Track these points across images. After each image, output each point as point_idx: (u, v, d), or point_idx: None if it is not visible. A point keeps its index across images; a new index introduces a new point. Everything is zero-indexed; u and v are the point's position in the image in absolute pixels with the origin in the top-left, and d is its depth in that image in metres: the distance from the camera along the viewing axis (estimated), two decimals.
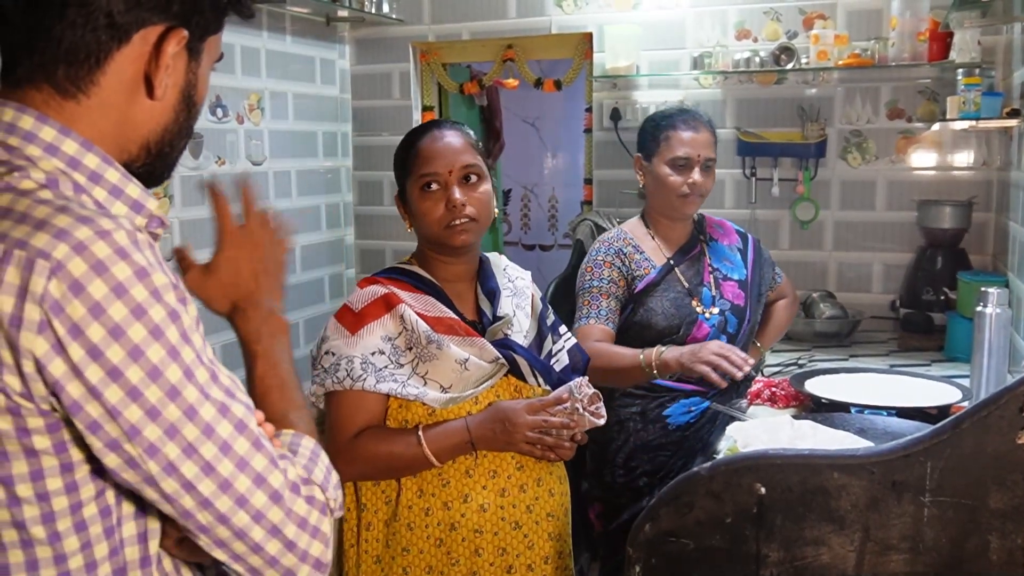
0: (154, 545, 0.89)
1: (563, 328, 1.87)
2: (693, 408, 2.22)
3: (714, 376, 1.90)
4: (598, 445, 2.30)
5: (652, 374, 2.03)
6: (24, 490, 0.79)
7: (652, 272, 2.23)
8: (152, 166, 0.92)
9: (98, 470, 0.82)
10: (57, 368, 0.75)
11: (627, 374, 2.08)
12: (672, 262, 2.27)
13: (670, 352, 2.01)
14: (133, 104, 0.88)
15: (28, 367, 0.75)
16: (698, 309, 2.22)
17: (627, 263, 2.24)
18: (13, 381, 0.75)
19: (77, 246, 0.75)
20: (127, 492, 0.85)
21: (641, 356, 2.04)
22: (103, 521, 0.84)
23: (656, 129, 2.25)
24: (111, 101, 0.86)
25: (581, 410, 1.55)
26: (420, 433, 1.53)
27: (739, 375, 1.90)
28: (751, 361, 1.95)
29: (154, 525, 0.89)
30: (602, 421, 1.58)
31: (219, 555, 0.85)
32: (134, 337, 0.76)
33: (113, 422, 0.77)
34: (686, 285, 2.25)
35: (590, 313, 2.19)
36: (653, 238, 2.30)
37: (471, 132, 1.72)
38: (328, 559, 0.89)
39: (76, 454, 0.80)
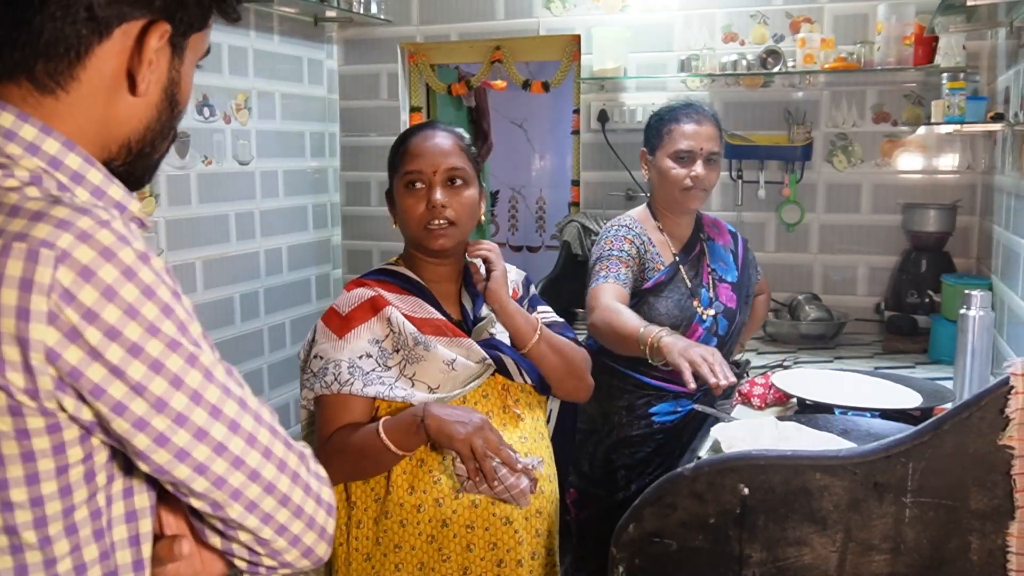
0: (147, 549, 0.88)
1: (543, 306, 1.86)
2: (680, 408, 2.23)
3: (687, 375, 1.75)
4: (579, 433, 2.30)
5: (644, 352, 1.91)
6: (18, 494, 0.78)
7: (662, 270, 2.23)
8: (132, 166, 0.91)
9: (90, 473, 0.81)
10: (73, 355, 0.74)
11: (624, 343, 2.00)
12: (678, 260, 2.27)
13: (670, 339, 1.88)
14: (115, 101, 0.86)
15: (37, 359, 0.74)
16: (698, 310, 2.23)
17: (643, 250, 2.23)
18: (16, 378, 0.74)
19: (81, 235, 0.75)
20: (117, 494, 0.85)
21: (642, 331, 1.93)
22: (93, 524, 0.83)
23: (660, 123, 2.24)
24: (92, 97, 0.84)
25: (521, 479, 1.49)
26: (380, 424, 1.52)
27: (718, 385, 1.75)
28: (732, 380, 1.79)
29: (146, 529, 0.88)
30: (522, 503, 1.53)
31: (230, 516, 0.85)
32: (148, 315, 0.77)
33: (139, 397, 0.77)
34: (689, 285, 2.25)
35: (608, 275, 2.16)
36: (661, 231, 2.29)
37: (466, 136, 1.72)
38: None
39: (74, 455, 0.79)
